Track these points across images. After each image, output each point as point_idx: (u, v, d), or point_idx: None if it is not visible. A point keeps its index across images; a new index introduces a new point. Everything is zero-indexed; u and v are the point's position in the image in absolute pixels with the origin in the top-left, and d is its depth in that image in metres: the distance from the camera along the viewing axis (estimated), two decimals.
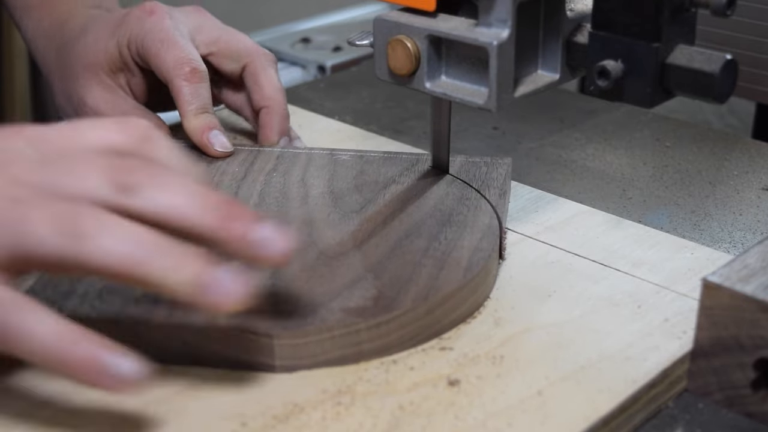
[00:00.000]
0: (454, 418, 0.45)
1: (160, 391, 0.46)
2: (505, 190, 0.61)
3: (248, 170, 0.63)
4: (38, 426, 0.44)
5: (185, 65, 0.66)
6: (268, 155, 0.66)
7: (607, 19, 0.52)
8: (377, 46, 0.57)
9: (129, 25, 0.69)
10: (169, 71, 0.66)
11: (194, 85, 0.66)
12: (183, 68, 0.66)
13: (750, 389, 0.47)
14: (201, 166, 0.52)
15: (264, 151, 0.66)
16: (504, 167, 0.63)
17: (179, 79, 0.66)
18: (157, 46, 0.67)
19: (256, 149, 0.67)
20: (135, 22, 0.68)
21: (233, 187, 0.61)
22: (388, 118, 0.83)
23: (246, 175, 0.63)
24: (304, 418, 0.45)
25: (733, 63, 0.50)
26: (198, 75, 0.66)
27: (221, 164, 0.65)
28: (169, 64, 0.66)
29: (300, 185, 0.61)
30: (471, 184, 0.61)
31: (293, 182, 0.62)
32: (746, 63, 0.83)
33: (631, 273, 0.56)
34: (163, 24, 0.67)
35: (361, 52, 1.02)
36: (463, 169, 0.63)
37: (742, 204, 0.67)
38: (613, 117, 0.82)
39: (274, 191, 0.61)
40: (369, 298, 0.49)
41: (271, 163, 0.64)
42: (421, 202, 0.59)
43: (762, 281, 0.47)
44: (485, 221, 0.57)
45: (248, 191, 0.61)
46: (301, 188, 0.61)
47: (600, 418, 0.45)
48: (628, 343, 0.50)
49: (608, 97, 0.53)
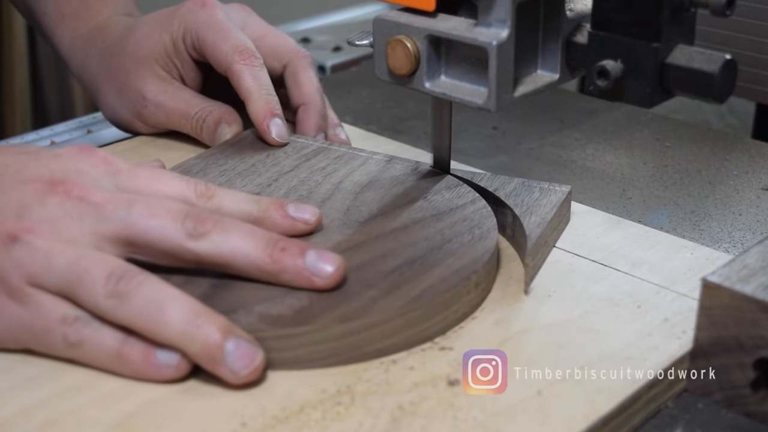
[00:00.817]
0: (454, 418, 0.45)
1: (160, 391, 0.46)
2: (548, 219, 0.57)
3: (300, 164, 0.64)
4: (38, 426, 0.44)
5: (244, 51, 0.67)
6: (328, 153, 0.65)
7: (607, 18, 0.52)
8: (377, 46, 0.57)
9: (182, 18, 0.70)
10: (228, 57, 0.67)
11: (255, 68, 0.67)
12: (243, 54, 0.67)
13: (750, 389, 0.47)
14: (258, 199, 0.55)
15: (327, 149, 0.66)
16: (558, 195, 0.60)
17: (239, 64, 0.67)
18: (213, 36, 0.68)
19: (323, 146, 0.67)
20: (188, 14, 0.70)
21: (270, 179, 0.62)
22: (388, 118, 0.83)
23: (292, 169, 0.63)
24: (304, 418, 0.45)
25: (733, 63, 0.50)
26: (258, 60, 0.68)
27: (279, 155, 0.65)
28: (227, 50, 0.67)
29: (332, 187, 0.61)
30: (514, 209, 0.58)
31: (330, 183, 0.61)
32: (746, 63, 0.83)
33: (631, 273, 0.56)
34: (217, 15, 0.69)
35: (360, 52, 1.02)
36: (514, 192, 0.60)
37: (742, 204, 0.67)
38: (613, 117, 0.82)
39: (304, 189, 0.60)
40: (294, 308, 0.48)
41: (325, 162, 0.64)
42: (420, 207, 0.58)
43: (762, 281, 0.47)
44: (478, 235, 0.55)
45: (282, 185, 0.61)
46: (330, 190, 0.60)
47: (600, 418, 0.45)
48: (628, 343, 0.50)
49: (608, 97, 0.52)
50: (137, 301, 0.46)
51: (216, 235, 0.49)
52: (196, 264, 0.50)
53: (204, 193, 0.53)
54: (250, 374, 0.46)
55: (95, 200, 0.49)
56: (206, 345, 0.45)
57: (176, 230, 0.48)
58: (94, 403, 0.45)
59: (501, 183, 0.61)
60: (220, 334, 0.45)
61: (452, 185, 0.61)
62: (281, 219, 0.54)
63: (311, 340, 0.47)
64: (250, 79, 0.67)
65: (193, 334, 0.45)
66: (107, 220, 0.48)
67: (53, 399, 0.46)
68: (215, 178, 0.62)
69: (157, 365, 0.46)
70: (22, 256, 0.47)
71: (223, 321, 0.46)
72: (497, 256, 0.56)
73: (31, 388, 0.46)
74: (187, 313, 0.46)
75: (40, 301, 0.47)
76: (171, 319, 0.46)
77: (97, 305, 0.46)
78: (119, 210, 0.49)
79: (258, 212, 0.53)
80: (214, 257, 0.49)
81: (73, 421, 0.44)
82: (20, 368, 0.48)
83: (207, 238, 0.49)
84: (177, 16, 0.70)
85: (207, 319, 0.46)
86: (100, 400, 0.46)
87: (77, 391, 0.46)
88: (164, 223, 0.48)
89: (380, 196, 0.59)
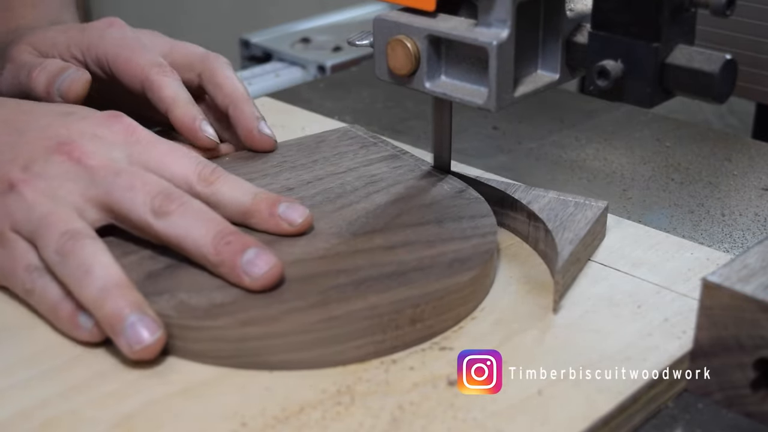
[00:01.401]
0: (454, 418, 0.45)
1: (160, 391, 0.46)
2: (582, 235, 0.55)
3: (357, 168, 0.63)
4: (38, 426, 0.44)
5: (162, 65, 0.65)
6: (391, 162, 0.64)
7: (607, 19, 0.52)
8: (377, 46, 0.57)
9: (88, 35, 0.67)
10: (145, 69, 0.65)
11: (174, 80, 0.65)
12: (161, 67, 0.65)
13: (750, 389, 0.47)
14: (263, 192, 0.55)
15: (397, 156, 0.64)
16: (594, 211, 0.58)
17: (158, 75, 0.65)
18: (127, 52, 0.66)
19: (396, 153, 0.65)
20: (95, 32, 0.67)
21: (315, 177, 0.62)
22: (388, 118, 0.83)
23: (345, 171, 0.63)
24: (304, 418, 0.45)
25: (733, 63, 0.50)
26: (175, 74, 0.66)
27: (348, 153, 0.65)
28: (144, 64, 0.65)
29: (363, 196, 0.60)
30: (547, 223, 0.56)
31: (364, 191, 0.60)
32: (746, 63, 0.83)
33: (631, 273, 0.56)
34: (127, 34, 0.67)
35: (361, 52, 1.02)
36: (548, 207, 0.58)
37: (742, 204, 0.67)
38: (613, 117, 0.82)
39: (334, 192, 0.60)
40: (215, 302, 0.49)
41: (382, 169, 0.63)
42: (417, 206, 0.58)
43: (762, 281, 0.47)
44: (476, 238, 0.55)
45: (293, 181, 0.61)
46: (357, 198, 0.59)
47: (600, 418, 0.45)
48: (628, 343, 0.50)
49: (608, 97, 0.52)
50: (73, 261, 0.49)
51: (175, 217, 0.51)
52: (159, 241, 0.52)
53: (206, 178, 0.55)
54: (142, 350, 0.47)
55: (91, 164, 0.53)
56: (110, 314, 0.47)
57: (144, 205, 0.51)
58: (94, 403, 0.45)
59: (535, 196, 0.59)
60: (127, 308, 0.47)
61: (484, 213, 0.58)
62: (268, 216, 0.55)
63: (212, 336, 0.48)
64: (171, 88, 0.65)
65: (102, 301, 0.48)
66: (95, 184, 0.52)
67: (53, 399, 0.46)
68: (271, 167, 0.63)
69: (77, 325, 0.49)
70: (12, 203, 0.52)
71: (134, 296, 0.48)
72: (491, 268, 0.55)
73: (31, 388, 0.46)
74: (106, 282, 0.48)
75: (15, 246, 0.52)
76: (90, 283, 0.48)
77: (47, 258, 0.50)
78: (107, 177, 0.52)
79: (251, 204, 0.55)
80: (170, 237, 0.51)
81: (73, 421, 0.44)
82: (20, 368, 0.48)
83: (167, 218, 0.51)
84: (84, 30, 0.68)
85: (120, 291, 0.48)
86: (100, 400, 0.46)
87: (77, 391, 0.46)
88: (137, 197, 0.51)
89: (396, 212, 0.58)
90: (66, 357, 0.48)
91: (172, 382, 0.47)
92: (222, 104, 0.67)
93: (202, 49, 0.69)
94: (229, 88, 0.67)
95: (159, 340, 0.47)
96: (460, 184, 0.61)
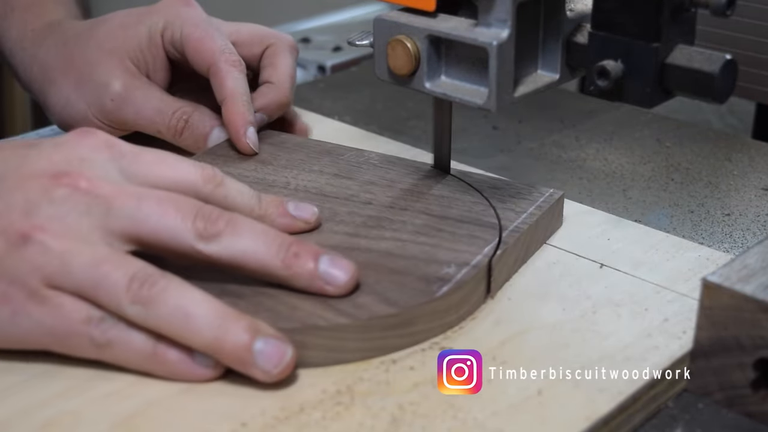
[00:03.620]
0: (454, 418, 0.45)
1: (160, 391, 0.46)
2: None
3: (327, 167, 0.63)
4: (38, 426, 0.44)
5: (231, 54, 0.66)
6: (413, 172, 0.63)
7: (607, 19, 0.52)
8: (377, 46, 0.57)
9: (163, 13, 0.68)
10: (215, 55, 0.65)
11: (239, 72, 0.65)
12: (231, 56, 0.66)
13: (750, 389, 0.47)
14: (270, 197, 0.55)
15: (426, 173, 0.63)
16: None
17: (225, 63, 0.65)
18: (200, 32, 0.66)
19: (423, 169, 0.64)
20: (170, 9, 0.68)
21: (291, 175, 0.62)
22: (388, 118, 0.83)
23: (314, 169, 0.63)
24: (304, 418, 0.45)
25: (733, 63, 0.50)
26: (242, 65, 0.66)
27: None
28: (215, 48, 0.65)
29: (369, 199, 0.59)
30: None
31: (349, 186, 0.60)
32: (746, 63, 0.83)
33: (631, 273, 0.56)
34: (201, 15, 0.68)
35: (361, 52, 1.02)
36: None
37: (742, 204, 0.67)
38: (613, 117, 0.82)
39: (318, 190, 0.60)
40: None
41: (404, 177, 0.62)
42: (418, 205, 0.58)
43: (762, 281, 0.47)
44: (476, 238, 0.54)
45: (301, 184, 0.61)
46: (366, 201, 0.59)
47: (600, 418, 0.45)
48: (628, 343, 0.50)
49: (608, 97, 0.52)
50: (163, 309, 0.45)
51: (227, 237, 0.48)
52: (207, 264, 0.49)
53: (211, 179, 0.51)
54: (281, 372, 0.45)
55: (103, 193, 0.47)
56: (235, 349, 0.45)
57: (187, 230, 0.47)
58: (94, 403, 0.45)
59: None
60: (248, 336, 0.45)
61: (487, 218, 0.57)
62: (280, 217, 0.54)
63: None
64: (234, 81, 0.65)
65: (221, 341, 0.45)
66: (116, 215, 0.47)
67: (53, 399, 0.46)
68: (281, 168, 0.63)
69: (194, 366, 0.46)
70: (37, 257, 0.46)
71: (248, 321, 0.46)
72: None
73: (31, 388, 0.46)
74: (213, 318, 0.45)
75: (61, 302, 0.46)
76: (198, 327, 0.45)
77: (122, 311, 0.45)
78: (128, 205, 0.47)
79: (260, 209, 0.53)
80: (225, 260, 0.48)
81: (73, 421, 0.44)
82: (20, 368, 0.48)
83: (218, 241, 0.48)
84: (157, 9, 0.68)
85: (233, 322, 0.45)
86: (100, 400, 0.46)
87: (77, 391, 0.46)
88: (174, 222, 0.47)
89: (399, 214, 0.57)
90: (66, 357, 0.48)
91: (172, 382, 0.47)
92: (263, 80, 0.68)
93: (270, 30, 0.71)
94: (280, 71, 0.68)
95: (293, 356, 0.46)
96: (464, 186, 0.61)
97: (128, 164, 0.50)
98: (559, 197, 0.60)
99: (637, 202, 0.68)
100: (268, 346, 0.45)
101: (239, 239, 0.48)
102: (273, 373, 0.45)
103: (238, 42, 0.69)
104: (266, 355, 0.45)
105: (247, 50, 0.69)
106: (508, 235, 0.55)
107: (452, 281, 0.51)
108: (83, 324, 0.46)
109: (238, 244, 0.48)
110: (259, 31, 0.70)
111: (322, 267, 0.48)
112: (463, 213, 0.57)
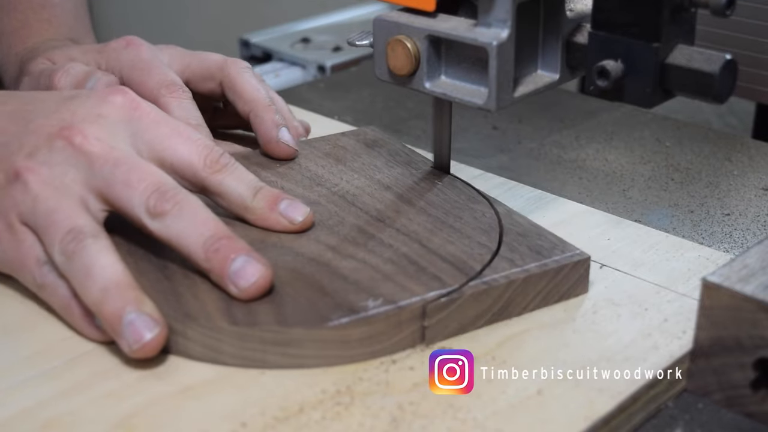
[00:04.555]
0: (454, 419, 0.45)
1: (160, 391, 0.46)
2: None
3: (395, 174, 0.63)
4: (38, 426, 0.44)
5: (171, 85, 0.65)
6: (428, 177, 0.62)
7: (607, 19, 0.52)
8: (377, 46, 0.58)
9: (105, 56, 0.68)
10: (154, 92, 0.64)
11: (183, 101, 0.65)
12: (169, 88, 0.65)
13: (750, 389, 0.47)
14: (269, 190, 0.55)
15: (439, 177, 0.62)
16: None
17: (166, 97, 0.64)
18: (138, 74, 0.66)
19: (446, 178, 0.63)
20: (112, 53, 0.68)
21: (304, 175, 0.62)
22: (388, 118, 0.83)
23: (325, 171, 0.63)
24: (303, 418, 0.45)
25: (733, 63, 0.50)
26: (186, 93, 0.65)
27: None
28: (153, 86, 0.65)
29: (379, 202, 0.59)
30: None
31: (363, 185, 0.61)
32: (746, 63, 0.83)
33: (631, 273, 0.56)
34: (142, 54, 0.67)
35: (361, 52, 1.02)
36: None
37: (742, 204, 0.67)
38: (613, 117, 0.82)
39: (353, 194, 0.60)
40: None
41: (418, 181, 0.62)
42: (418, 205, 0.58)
43: (762, 281, 0.47)
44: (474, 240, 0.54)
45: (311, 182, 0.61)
46: (375, 204, 0.59)
47: (600, 417, 0.45)
48: (628, 343, 0.50)
49: (608, 97, 0.53)
50: (75, 264, 0.49)
51: (170, 218, 0.50)
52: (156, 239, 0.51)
53: (213, 163, 0.54)
54: (140, 349, 0.47)
55: (92, 150, 0.51)
56: (110, 315, 0.47)
57: (140, 204, 0.50)
58: (94, 403, 0.45)
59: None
60: (125, 307, 0.47)
61: (490, 223, 0.56)
62: (268, 212, 0.55)
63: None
64: (178, 111, 0.64)
65: (102, 304, 0.48)
66: (94, 174, 0.51)
67: (53, 399, 0.46)
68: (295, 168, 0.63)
69: (90, 325, 0.49)
70: (18, 194, 0.51)
71: (133, 295, 0.48)
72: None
73: (31, 388, 0.46)
74: (105, 282, 0.48)
75: (24, 238, 0.51)
76: (90, 286, 0.48)
77: (54, 258, 0.50)
78: (104, 168, 0.51)
79: (253, 200, 0.54)
80: (164, 239, 0.51)
81: (73, 421, 0.44)
82: (20, 368, 0.48)
83: (161, 219, 0.50)
84: (103, 52, 0.68)
85: (120, 291, 0.48)
86: (100, 400, 0.46)
87: (77, 391, 0.46)
88: (132, 194, 0.50)
89: (400, 215, 0.57)
90: (66, 357, 0.48)
91: (172, 382, 0.47)
92: (243, 112, 0.67)
93: (220, 57, 0.69)
94: (249, 95, 0.67)
95: (158, 337, 0.47)
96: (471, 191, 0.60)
97: (143, 130, 0.54)
98: (580, 261, 0.53)
99: (637, 202, 0.68)
100: (138, 321, 0.47)
101: (178, 222, 0.50)
102: (133, 348, 0.47)
103: (192, 80, 0.68)
104: (133, 328, 0.47)
105: (202, 86, 0.68)
106: (475, 285, 0.50)
107: (358, 315, 0.48)
108: (33, 262, 0.51)
109: (175, 226, 0.50)
110: (206, 64, 0.69)
111: (234, 267, 0.49)
112: (455, 252, 0.53)
